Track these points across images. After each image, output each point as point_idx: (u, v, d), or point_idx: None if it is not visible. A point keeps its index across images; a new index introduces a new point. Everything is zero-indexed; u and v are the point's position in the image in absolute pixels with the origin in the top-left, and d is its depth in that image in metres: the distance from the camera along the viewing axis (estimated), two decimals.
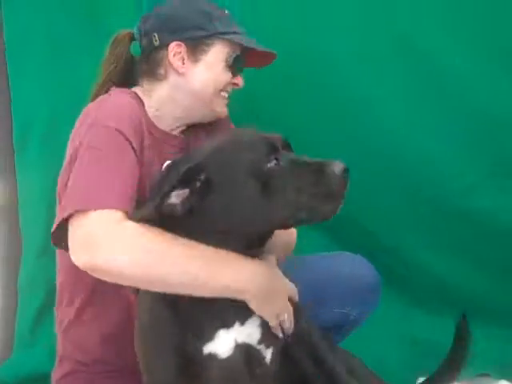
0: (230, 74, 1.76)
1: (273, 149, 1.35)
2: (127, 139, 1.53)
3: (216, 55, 1.72)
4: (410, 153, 2.25)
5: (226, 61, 1.74)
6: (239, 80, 1.79)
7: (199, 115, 1.80)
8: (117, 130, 1.52)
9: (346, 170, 1.33)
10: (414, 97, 2.22)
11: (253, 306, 1.42)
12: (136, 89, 1.76)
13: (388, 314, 2.26)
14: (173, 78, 1.73)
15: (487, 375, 2.21)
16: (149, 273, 1.37)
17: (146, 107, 1.73)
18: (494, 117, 2.16)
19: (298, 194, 1.33)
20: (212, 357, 1.41)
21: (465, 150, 2.23)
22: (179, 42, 1.70)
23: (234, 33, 1.74)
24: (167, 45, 1.70)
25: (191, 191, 1.34)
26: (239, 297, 1.40)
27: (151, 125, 1.72)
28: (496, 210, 2.22)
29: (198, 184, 1.35)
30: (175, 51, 1.70)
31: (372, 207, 2.34)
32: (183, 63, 1.71)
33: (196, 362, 1.41)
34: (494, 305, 2.37)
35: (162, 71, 1.73)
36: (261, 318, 1.44)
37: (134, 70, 1.79)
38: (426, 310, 2.42)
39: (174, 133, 1.81)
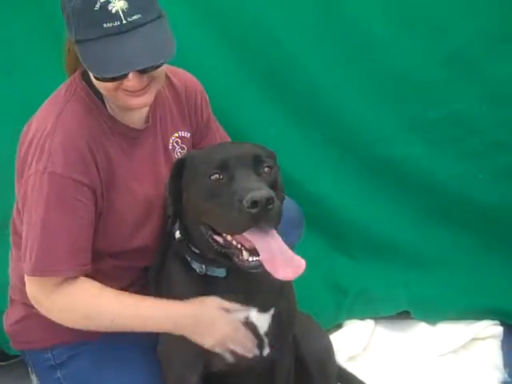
0: (107, 84, 1.55)
1: (220, 165, 1.55)
2: (76, 180, 1.55)
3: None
4: (339, 111, 2.50)
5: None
6: (129, 84, 1.55)
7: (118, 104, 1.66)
8: (62, 176, 1.54)
9: (254, 203, 1.38)
10: (343, 62, 2.45)
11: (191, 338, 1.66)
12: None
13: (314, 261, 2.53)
14: None
15: (407, 313, 2.50)
16: (83, 327, 1.67)
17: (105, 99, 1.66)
18: (409, 79, 2.46)
19: (213, 207, 1.53)
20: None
21: (385, 107, 2.51)
22: None
23: (94, 38, 1.48)
24: None
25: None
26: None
27: (114, 125, 1.66)
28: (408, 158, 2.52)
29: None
30: None
31: (299, 157, 2.55)
32: None
33: None
34: (416, 249, 2.63)
35: None
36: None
37: None
38: (350, 256, 2.67)
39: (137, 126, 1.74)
